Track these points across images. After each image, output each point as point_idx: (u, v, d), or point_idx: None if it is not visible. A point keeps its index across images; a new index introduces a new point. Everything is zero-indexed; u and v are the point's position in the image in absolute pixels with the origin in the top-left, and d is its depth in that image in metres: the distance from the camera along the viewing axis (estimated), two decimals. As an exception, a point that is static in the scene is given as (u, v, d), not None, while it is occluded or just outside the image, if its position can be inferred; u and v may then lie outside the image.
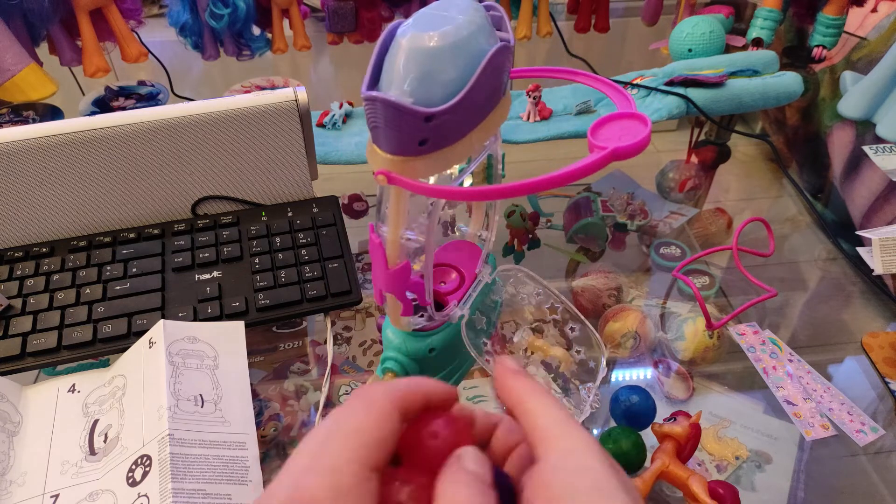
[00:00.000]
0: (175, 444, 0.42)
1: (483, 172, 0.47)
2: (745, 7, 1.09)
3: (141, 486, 0.41)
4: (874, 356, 0.58)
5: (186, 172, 0.61)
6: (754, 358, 0.58)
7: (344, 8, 0.94)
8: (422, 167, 0.34)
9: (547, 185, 0.32)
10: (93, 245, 0.59)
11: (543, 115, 0.80)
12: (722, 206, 0.78)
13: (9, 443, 0.46)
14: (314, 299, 0.56)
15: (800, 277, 0.69)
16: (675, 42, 0.90)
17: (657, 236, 0.72)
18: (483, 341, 0.49)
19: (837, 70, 0.96)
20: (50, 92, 0.85)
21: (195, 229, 0.61)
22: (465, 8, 0.34)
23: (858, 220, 0.75)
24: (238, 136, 0.61)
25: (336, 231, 0.61)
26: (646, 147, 0.33)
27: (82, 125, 0.58)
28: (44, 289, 0.56)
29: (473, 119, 0.36)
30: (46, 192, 0.59)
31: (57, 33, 0.87)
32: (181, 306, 0.55)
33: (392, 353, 0.47)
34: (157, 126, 0.59)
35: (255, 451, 0.45)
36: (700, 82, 0.78)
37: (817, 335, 0.63)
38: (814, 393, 0.55)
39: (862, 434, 0.52)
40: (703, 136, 0.88)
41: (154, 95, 0.87)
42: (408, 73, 0.32)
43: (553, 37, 1.03)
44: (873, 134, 0.83)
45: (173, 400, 0.45)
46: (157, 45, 0.94)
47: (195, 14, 0.89)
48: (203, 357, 0.49)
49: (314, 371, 0.57)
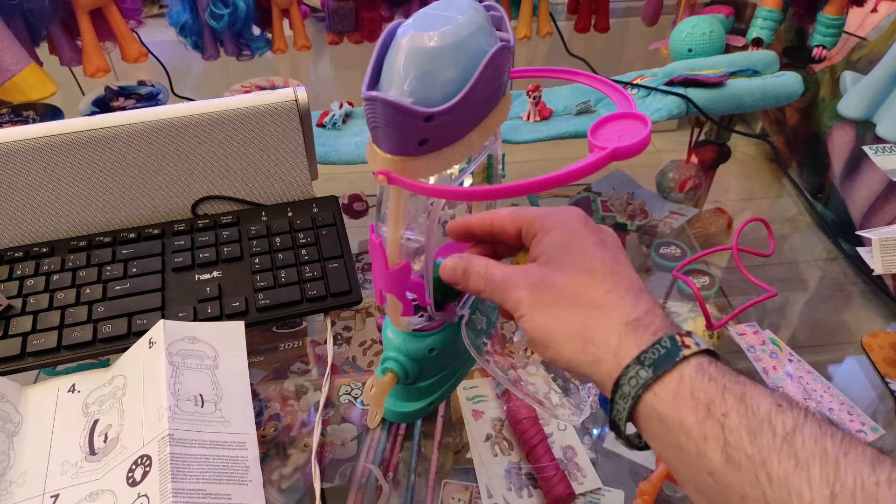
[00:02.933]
0: (175, 444, 0.42)
1: (483, 172, 0.47)
2: (745, 7, 1.09)
3: (141, 486, 0.41)
4: (874, 356, 0.58)
5: (186, 172, 0.61)
6: (754, 358, 0.58)
7: (344, 8, 0.94)
8: (422, 167, 0.34)
9: (547, 185, 0.32)
10: (93, 245, 0.59)
11: (543, 115, 0.80)
12: (722, 206, 0.78)
13: (9, 443, 0.46)
14: (314, 299, 0.56)
15: (800, 277, 0.69)
16: (675, 42, 0.90)
17: (657, 236, 0.72)
18: (483, 341, 0.49)
19: (837, 70, 0.96)
20: (50, 92, 0.85)
21: (195, 229, 0.61)
22: (465, 8, 0.34)
23: (858, 220, 0.75)
24: (238, 136, 0.61)
25: (336, 231, 0.61)
26: (646, 147, 0.33)
27: (82, 125, 0.58)
28: (44, 289, 0.56)
29: (473, 119, 0.36)
30: (46, 192, 0.59)
31: (57, 33, 0.87)
32: (181, 306, 0.55)
33: (392, 353, 0.47)
34: (157, 126, 0.59)
35: (255, 451, 0.45)
36: (700, 82, 0.78)
37: (817, 335, 0.63)
38: (814, 393, 0.55)
39: (862, 434, 0.52)
40: (703, 136, 0.88)
41: (154, 95, 0.88)
42: (408, 73, 0.32)
43: (553, 37, 1.03)
44: (873, 134, 0.83)
45: (173, 400, 0.45)
46: (157, 45, 0.94)
47: (195, 14, 0.89)
48: (203, 357, 0.49)
49: (314, 371, 0.57)
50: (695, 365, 0.30)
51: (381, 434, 0.51)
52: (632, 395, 0.30)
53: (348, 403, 0.53)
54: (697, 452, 0.28)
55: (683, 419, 0.29)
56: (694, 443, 0.28)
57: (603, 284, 0.34)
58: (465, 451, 0.51)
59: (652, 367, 0.30)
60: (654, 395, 0.30)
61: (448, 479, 0.49)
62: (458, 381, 0.53)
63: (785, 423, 0.27)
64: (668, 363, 0.30)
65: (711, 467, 0.28)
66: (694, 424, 0.28)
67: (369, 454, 0.50)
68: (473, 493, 0.48)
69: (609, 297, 0.33)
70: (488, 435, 0.52)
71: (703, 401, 0.29)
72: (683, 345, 0.30)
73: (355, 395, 0.54)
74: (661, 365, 0.30)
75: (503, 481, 0.48)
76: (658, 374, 0.30)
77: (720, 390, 0.29)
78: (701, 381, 0.29)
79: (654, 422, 0.30)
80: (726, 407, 0.28)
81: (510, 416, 0.52)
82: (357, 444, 0.50)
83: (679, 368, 0.30)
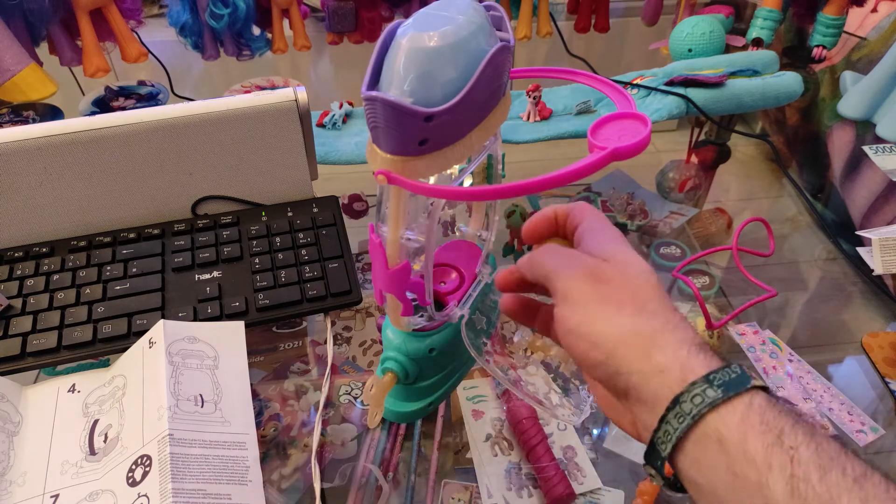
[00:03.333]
0: (175, 444, 0.42)
1: (483, 172, 0.47)
2: (745, 7, 1.09)
3: (141, 486, 0.41)
4: (874, 356, 0.58)
5: (186, 172, 0.61)
6: (754, 358, 0.58)
7: (344, 8, 0.94)
8: (422, 167, 0.34)
9: (547, 185, 0.32)
10: (93, 245, 0.59)
11: (543, 115, 0.80)
12: (722, 206, 0.78)
13: (9, 443, 0.46)
14: (314, 299, 0.56)
15: (800, 277, 0.69)
16: (675, 42, 0.90)
17: (657, 236, 0.72)
18: (483, 341, 0.49)
19: (837, 70, 0.96)
20: (50, 92, 0.85)
21: (195, 229, 0.61)
22: (465, 8, 0.34)
23: (858, 220, 0.75)
24: (238, 136, 0.61)
25: (336, 231, 0.61)
26: (646, 147, 0.33)
27: (82, 125, 0.58)
28: (44, 289, 0.56)
29: (473, 119, 0.36)
30: (46, 192, 0.59)
31: (57, 33, 0.87)
32: (181, 306, 0.55)
33: (392, 353, 0.47)
34: (157, 126, 0.59)
35: (255, 451, 0.45)
36: (700, 82, 0.78)
37: (817, 335, 0.63)
38: (814, 393, 0.55)
39: (862, 434, 0.52)
40: (703, 136, 0.88)
41: (154, 95, 0.87)
42: (408, 73, 0.32)
43: (553, 37, 1.03)
44: (873, 134, 0.83)
45: (173, 400, 0.45)
46: (157, 45, 0.94)
47: (195, 14, 0.89)
48: (203, 357, 0.49)
49: (314, 371, 0.57)
50: (764, 396, 0.29)
51: (381, 434, 0.51)
52: (692, 414, 0.28)
53: (348, 403, 0.53)
54: (758, 482, 0.26)
55: (748, 445, 0.27)
56: (756, 471, 0.27)
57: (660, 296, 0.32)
58: (465, 451, 0.51)
59: (722, 388, 0.28)
60: (718, 417, 0.28)
61: (448, 479, 0.49)
62: (458, 381, 0.53)
63: (855, 468, 0.26)
64: (740, 387, 0.28)
65: (772, 499, 0.26)
66: (760, 451, 0.27)
67: (369, 454, 0.50)
68: (473, 493, 0.48)
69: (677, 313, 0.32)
70: (488, 435, 0.52)
71: (774, 429, 0.27)
72: (752, 376, 0.29)
73: (355, 395, 0.54)
74: (731, 388, 0.28)
75: (503, 481, 0.48)
76: (728, 396, 0.28)
77: (791, 423, 0.27)
78: (772, 411, 0.28)
79: (712, 446, 0.28)
80: (797, 440, 0.27)
81: (510, 416, 0.52)
82: (357, 444, 0.50)
83: (750, 395, 0.28)
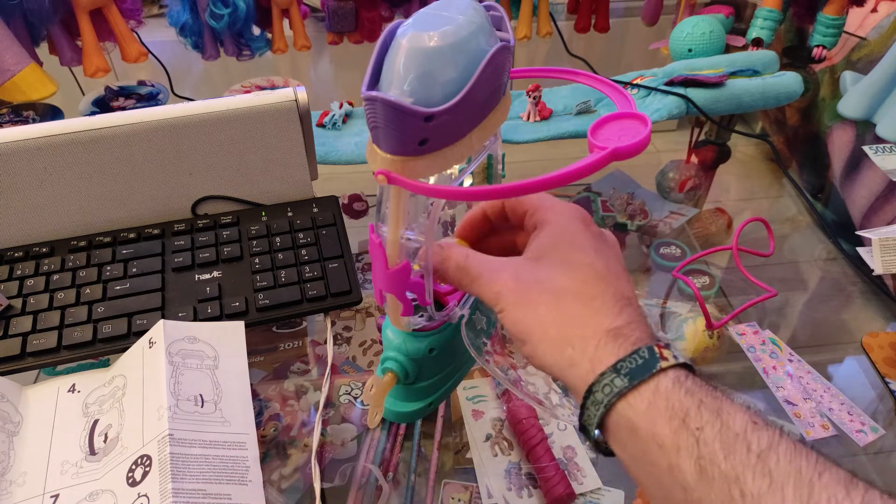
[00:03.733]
0: (175, 444, 0.42)
1: (483, 172, 0.47)
2: (745, 7, 1.09)
3: (141, 486, 0.41)
4: (874, 356, 0.58)
5: (186, 172, 0.61)
6: (754, 358, 0.58)
7: (344, 8, 0.94)
8: (422, 167, 0.34)
9: (547, 185, 0.32)
10: (93, 245, 0.59)
11: (543, 115, 0.80)
12: (722, 206, 0.78)
13: (9, 443, 0.46)
14: (314, 299, 0.56)
15: (800, 277, 0.69)
16: (675, 42, 0.90)
17: (657, 236, 0.72)
18: (483, 341, 0.49)
19: (837, 70, 0.96)
20: (50, 92, 0.85)
21: (195, 229, 0.61)
22: (465, 8, 0.34)
23: (858, 220, 0.75)
24: (238, 136, 0.61)
25: (336, 231, 0.61)
26: (646, 147, 0.33)
27: (82, 125, 0.58)
28: (44, 289, 0.56)
29: (473, 119, 0.36)
30: (46, 192, 0.59)
31: (57, 33, 0.87)
32: (181, 306, 0.55)
33: (392, 353, 0.47)
34: (157, 126, 0.59)
35: (255, 451, 0.45)
36: (700, 82, 0.78)
37: (817, 335, 0.63)
38: (814, 393, 0.55)
39: (862, 434, 0.52)
40: (703, 136, 0.88)
41: (154, 95, 0.87)
42: (408, 73, 0.32)
43: (553, 37, 1.03)
44: (873, 134, 0.83)
45: (173, 400, 0.45)
46: (157, 45, 0.94)
47: (195, 14, 0.89)
48: (203, 357, 0.49)
49: (314, 371, 0.57)
50: (672, 377, 0.29)
51: (381, 434, 0.51)
52: (604, 403, 0.30)
53: (348, 403, 0.53)
54: (669, 465, 0.28)
55: (657, 430, 0.28)
56: (666, 455, 0.28)
57: (589, 290, 0.34)
58: (465, 451, 0.51)
59: (628, 376, 0.30)
60: (627, 405, 0.30)
61: (448, 479, 0.49)
62: (458, 381, 0.53)
63: (760, 441, 0.27)
64: (645, 373, 0.29)
65: (684, 481, 0.27)
66: (668, 435, 0.28)
67: (369, 454, 0.50)
68: (473, 493, 0.48)
69: (593, 303, 0.33)
70: (488, 435, 0.52)
71: (679, 413, 0.28)
72: (661, 356, 0.30)
73: (355, 395, 0.54)
74: (637, 375, 0.30)
75: (503, 481, 0.48)
76: (633, 384, 0.29)
77: (696, 403, 0.28)
78: (677, 394, 0.29)
79: (626, 431, 0.30)
80: (701, 420, 0.28)
81: (510, 416, 0.52)
82: (357, 444, 0.51)
83: (655, 379, 0.29)
